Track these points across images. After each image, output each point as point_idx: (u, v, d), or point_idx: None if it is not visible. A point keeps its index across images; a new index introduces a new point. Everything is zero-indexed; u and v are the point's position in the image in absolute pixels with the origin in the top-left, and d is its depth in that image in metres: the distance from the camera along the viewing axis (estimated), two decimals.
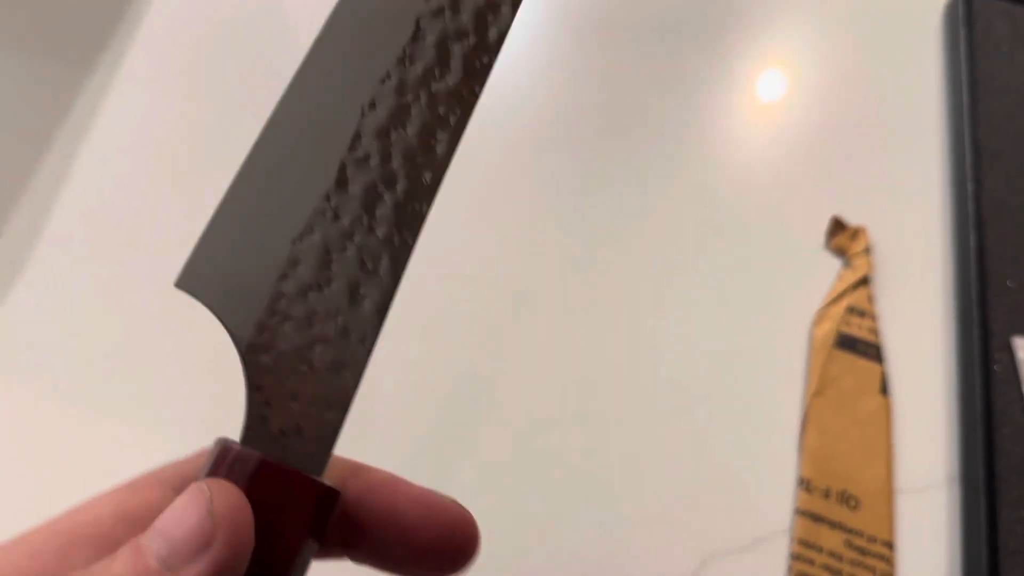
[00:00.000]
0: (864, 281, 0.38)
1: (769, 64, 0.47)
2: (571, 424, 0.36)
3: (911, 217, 0.42)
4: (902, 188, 0.43)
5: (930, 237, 0.41)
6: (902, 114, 0.45)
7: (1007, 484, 0.33)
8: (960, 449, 0.35)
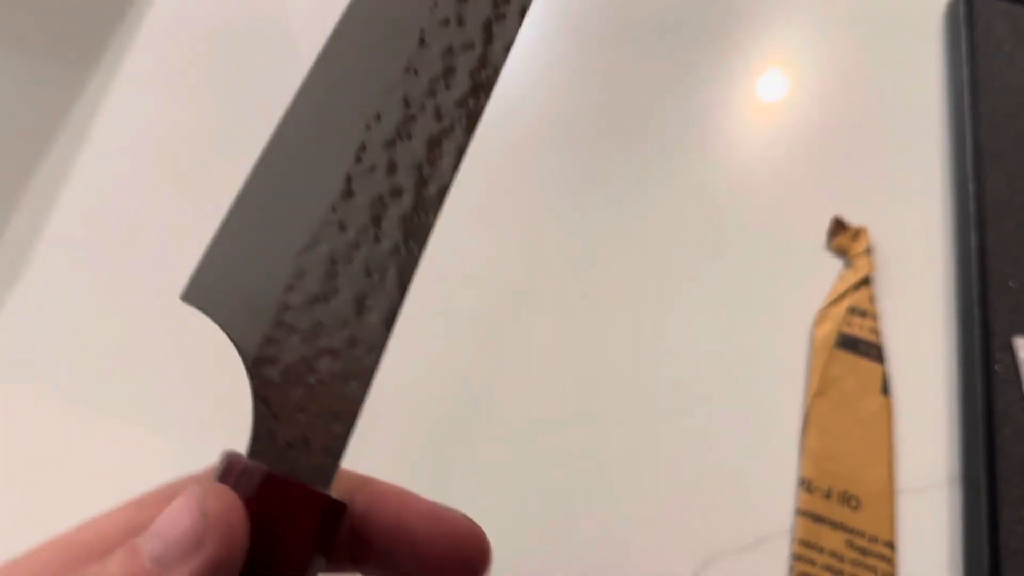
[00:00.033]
0: (865, 281, 0.38)
1: (770, 64, 0.47)
2: (571, 424, 0.36)
3: (912, 217, 0.42)
4: (903, 188, 0.43)
5: (931, 237, 0.41)
6: (903, 114, 0.45)
7: (1008, 484, 0.33)
8: (961, 449, 0.35)
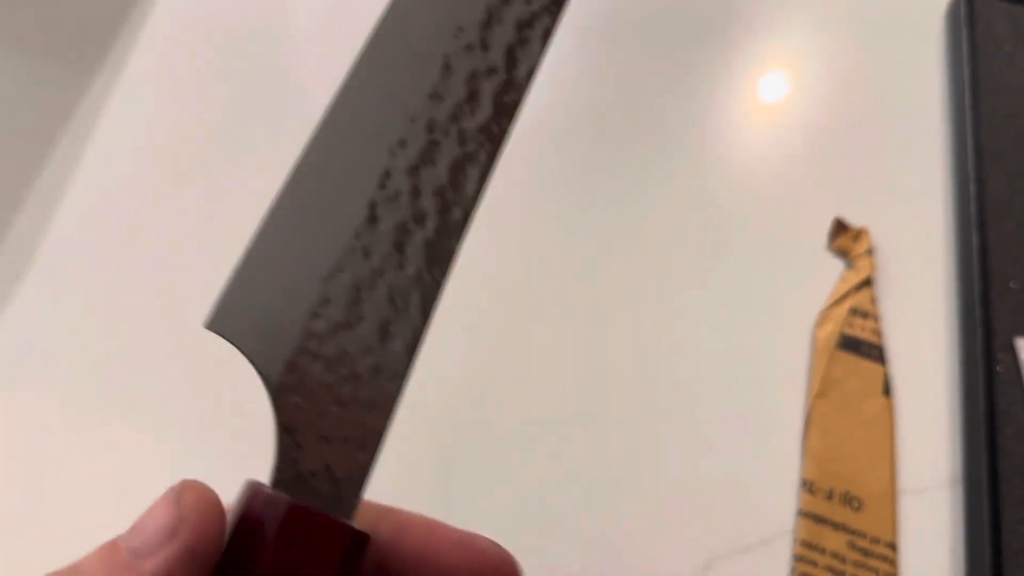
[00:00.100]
0: (867, 282, 0.38)
1: (771, 65, 0.47)
2: (572, 424, 0.36)
3: (913, 218, 0.42)
4: (904, 189, 0.43)
5: (932, 238, 0.41)
6: (904, 115, 0.45)
7: (1010, 485, 0.33)
8: (963, 450, 0.35)
